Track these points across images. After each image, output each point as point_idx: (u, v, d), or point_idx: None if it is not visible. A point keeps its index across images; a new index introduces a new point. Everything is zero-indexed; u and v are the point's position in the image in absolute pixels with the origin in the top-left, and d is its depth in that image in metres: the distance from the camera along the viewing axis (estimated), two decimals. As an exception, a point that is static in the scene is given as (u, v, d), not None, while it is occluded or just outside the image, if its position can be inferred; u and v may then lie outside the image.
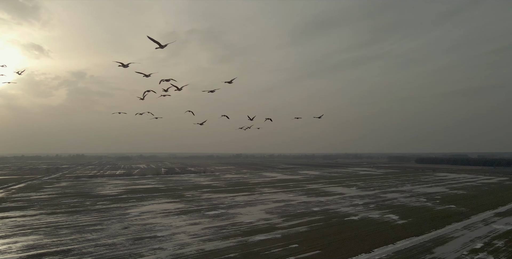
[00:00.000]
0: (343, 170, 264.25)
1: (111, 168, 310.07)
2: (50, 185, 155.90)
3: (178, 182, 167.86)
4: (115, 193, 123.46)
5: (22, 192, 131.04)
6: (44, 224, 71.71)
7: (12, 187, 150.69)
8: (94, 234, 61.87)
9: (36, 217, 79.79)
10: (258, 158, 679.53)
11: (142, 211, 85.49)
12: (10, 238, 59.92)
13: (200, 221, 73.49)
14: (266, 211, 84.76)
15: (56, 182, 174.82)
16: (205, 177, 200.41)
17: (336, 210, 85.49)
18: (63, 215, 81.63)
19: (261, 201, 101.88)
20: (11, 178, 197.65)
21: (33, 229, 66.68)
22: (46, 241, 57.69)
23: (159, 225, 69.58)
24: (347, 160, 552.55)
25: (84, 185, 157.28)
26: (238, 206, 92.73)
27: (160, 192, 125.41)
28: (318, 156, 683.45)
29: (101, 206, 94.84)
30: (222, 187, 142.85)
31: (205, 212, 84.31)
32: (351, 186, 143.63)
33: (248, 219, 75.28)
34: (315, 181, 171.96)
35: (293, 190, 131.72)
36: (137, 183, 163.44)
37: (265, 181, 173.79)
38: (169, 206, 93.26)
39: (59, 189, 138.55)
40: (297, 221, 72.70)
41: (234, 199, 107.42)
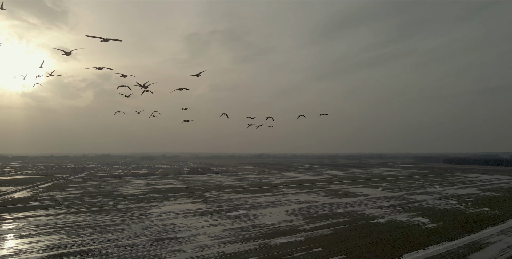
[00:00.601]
0: (367, 171, 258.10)
1: (135, 168, 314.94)
2: (75, 185, 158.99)
3: (200, 182, 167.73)
4: (138, 193, 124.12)
5: (49, 191, 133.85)
6: (67, 223, 72.07)
7: (40, 186, 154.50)
8: (114, 235, 61.43)
9: (59, 216, 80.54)
10: (280, 158, 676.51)
11: (163, 211, 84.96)
12: (33, 237, 60.24)
13: (221, 222, 72.08)
14: (288, 213, 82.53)
15: (82, 181, 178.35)
16: (227, 177, 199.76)
17: (361, 212, 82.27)
18: (86, 214, 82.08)
19: (283, 202, 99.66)
20: (40, 177, 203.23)
21: (56, 228, 66.99)
22: (68, 241, 57.57)
23: (179, 226, 68.60)
24: (371, 160, 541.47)
25: (108, 184, 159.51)
26: (260, 207, 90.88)
27: (181, 192, 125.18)
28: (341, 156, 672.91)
29: (123, 205, 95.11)
30: (244, 188, 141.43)
31: (226, 213, 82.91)
32: (376, 187, 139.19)
33: (269, 220, 73.30)
34: (338, 181, 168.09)
35: (316, 190, 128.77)
36: (159, 183, 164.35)
37: (287, 181, 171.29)
38: (190, 207, 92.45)
39: (84, 188, 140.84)
40: (320, 223, 70.16)
41: (255, 199, 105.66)
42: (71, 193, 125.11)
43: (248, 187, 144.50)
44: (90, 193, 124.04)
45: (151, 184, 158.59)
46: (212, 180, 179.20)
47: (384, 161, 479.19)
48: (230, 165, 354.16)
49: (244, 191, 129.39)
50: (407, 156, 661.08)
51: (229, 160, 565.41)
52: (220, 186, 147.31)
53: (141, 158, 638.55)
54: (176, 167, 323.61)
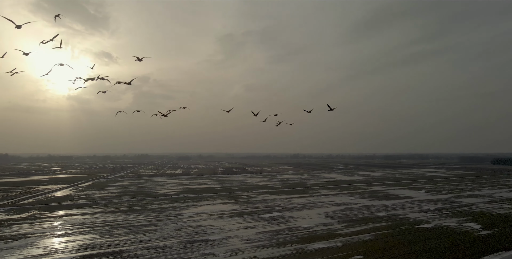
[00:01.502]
0: (408, 171, 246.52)
1: (171, 168, 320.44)
2: (114, 184, 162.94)
3: (234, 182, 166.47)
4: (172, 193, 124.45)
5: (88, 190, 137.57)
6: (102, 223, 72.37)
7: (80, 185, 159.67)
8: (147, 235, 60.50)
9: (96, 215, 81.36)
10: (315, 158, 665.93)
11: (196, 212, 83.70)
12: (68, 237, 60.55)
13: (255, 224, 69.48)
14: (325, 215, 78.57)
15: (120, 180, 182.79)
16: (262, 178, 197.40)
17: (405, 216, 76.73)
18: (121, 214, 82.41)
19: (320, 204, 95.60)
20: (82, 176, 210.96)
21: (91, 228, 67.25)
22: (101, 241, 57.21)
23: (212, 227, 66.72)
24: (412, 160, 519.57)
25: (145, 184, 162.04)
26: (295, 209, 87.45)
27: (215, 193, 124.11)
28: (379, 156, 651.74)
29: (157, 205, 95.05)
30: (279, 188, 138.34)
31: (260, 214, 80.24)
32: (419, 189, 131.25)
33: (305, 223, 69.82)
34: (377, 182, 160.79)
35: (354, 192, 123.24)
36: (194, 183, 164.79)
37: (324, 182, 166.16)
38: (224, 207, 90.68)
39: (121, 188, 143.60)
40: (360, 227, 65.77)
41: (291, 201, 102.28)
42: (109, 192, 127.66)
43: (283, 187, 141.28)
44: (127, 193, 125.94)
45: (186, 184, 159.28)
46: (246, 181, 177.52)
47: (425, 162, 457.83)
48: (265, 165, 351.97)
49: (279, 192, 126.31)
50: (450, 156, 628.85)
51: (264, 160, 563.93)
52: (254, 187, 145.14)
53: (177, 158, 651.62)
54: (211, 167, 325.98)
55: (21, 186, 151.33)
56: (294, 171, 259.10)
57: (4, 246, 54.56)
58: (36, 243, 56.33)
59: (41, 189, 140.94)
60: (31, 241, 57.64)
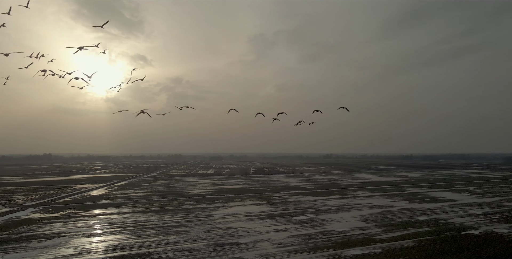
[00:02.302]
0: (448, 172, 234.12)
1: (203, 168, 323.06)
2: (147, 183, 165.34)
3: (266, 183, 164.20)
4: (203, 193, 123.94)
5: (122, 189, 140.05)
6: (133, 223, 72.24)
7: (115, 184, 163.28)
8: (176, 237, 59.36)
9: (127, 215, 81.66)
10: (349, 158, 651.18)
11: (227, 213, 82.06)
12: (99, 237, 60.54)
13: (287, 227, 66.75)
14: (361, 218, 74.52)
15: (153, 180, 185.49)
16: (294, 178, 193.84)
17: (448, 221, 71.25)
18: (152, 214, 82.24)
19: (355, 206, 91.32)
20: (117, 176, 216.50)
21: (122, 228, 67.14)
22: (131, 241, 56.62)
23: (242, 230, 64.68)
24: (452, 161, 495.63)
25: (177, 183, 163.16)
26: (329, 211, 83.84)
27: (246, 193, 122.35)
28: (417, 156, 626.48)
29: (188, 206, 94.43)
30: (312, 189, 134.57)
31: (292, 217, 77.38)
32: (463, 192, 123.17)
33: (340, 227, 66.27)
34: (416, 184, 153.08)
35: (391, 194, 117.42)
36: (226, 183, 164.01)
37: (358, 183, 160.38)
38: (255, 209, 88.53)
39: (154, 187, 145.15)
40: (399, 232, 61.43)
41: (324, 203, 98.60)
42: (142, 192, 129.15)
43: (316, 188, 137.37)
44: (159, 192, 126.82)
45: (217, 184, 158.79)
46: (278, 181, 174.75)
47: (467, 162, 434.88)
48: (297, 166, 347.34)
49: (312, 193, 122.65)
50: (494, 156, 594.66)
51: (296, 160, 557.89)
52: (286, 187, 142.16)
53: (210, 158, 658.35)
54: (242, 167, 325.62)
55: (60, 185, 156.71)
56: (327, 172, 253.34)
57: (38, 245, 55.13)
58: (68, 242, 56.58)
59: (78, 188, 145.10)
60: (64, 240, 58.01)
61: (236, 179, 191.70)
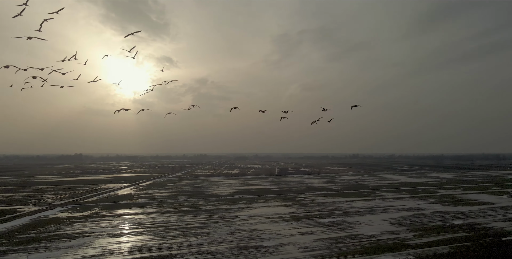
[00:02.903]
0: (483, 173, 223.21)
1: (228, 168, 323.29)
2: (172, 183, 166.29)
3: (291, 183, 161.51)
4: (228, 193, 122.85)
5: (148, 189, 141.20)
6: (156, 223, 71.74)
7: (141, 184, 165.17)
8: (199, 239, 58.13)
9: (151, 215, 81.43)
10: (376, 158, 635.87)
11: (251, 215, 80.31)
12: (123, 237, 60.20)
13: (312, 230, 64.26)
14: (391, 222, 70.95)
15: (178, 180, 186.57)
16: (320, 179, 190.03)
17: (487, 226, 66.61)
18: (175, 214, 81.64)
19: (384, 209, 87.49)
20: (143, 176, 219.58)
21: (145, 229, 66.67)
22: (153, 243, 55.85)
23: (266, 232, 62.72)
24: (486, 161, 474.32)
25: (201, 184, 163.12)
26: (357, 214, 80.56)
27: (271, 194, 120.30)
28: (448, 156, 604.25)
29: (212, 206, 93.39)
30: (338, 190, 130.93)
31: (318, 219, 74.74)
32: (500, 194, 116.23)
33: (369, 230, 63.15)
34: (449, 185, 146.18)
35: (422, 196, 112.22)
36: (250, 184, 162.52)
37: (387, 184, 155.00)
38: (279, 210, 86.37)
39: (179, 187, 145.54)
40: (433, 237, 57.71)
41: (351, 204, 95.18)
42: (167, 192, 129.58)
43: (342, 189, 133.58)
44: (183, 192, 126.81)
45: (242, 185, 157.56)
46: (303, 182, 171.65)
47: (503, 163, 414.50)
48: (323, 166, 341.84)
49: (338, 194, 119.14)
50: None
51: (321, 160, 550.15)
52: (312, 188, 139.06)
53: (235, 158, 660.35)
54: (267, 167, 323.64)
55: (88, 184, 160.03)
56: (354, 172, 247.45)
57: (63, 245, 55.25)
58: (92, 242, 56.45)
59: (105, 187, 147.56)
60: (88, 240, 57.96)
61: (261, 179, 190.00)
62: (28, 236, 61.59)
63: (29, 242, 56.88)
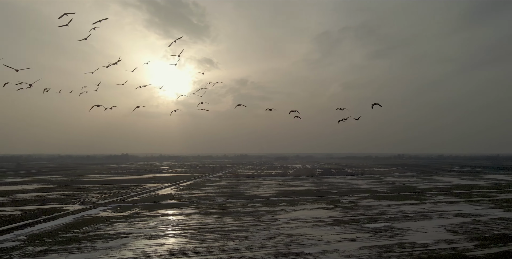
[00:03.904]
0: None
1: (268, 168, 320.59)
2: (212, 183, 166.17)
3: (333, 185, 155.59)
4: (267, 195, 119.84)
5: (188, 189, 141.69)
6: (194, 225, 70.20)
7: (181, 184, 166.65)
8: (236, 243, 55.51)
9: (190, 216, 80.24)
10: (423, 159, 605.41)
11: (291, 218, 76.66)
12: (160, 239, 59.00)
13: (358, 236, 59.54)
14: (446, 229, 64.41)
15: (218, 180, 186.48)
16: (363, 180, 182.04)
17: (562, 236, 58.39)
18: (214, 216, 79.82)
19: (437, 214, 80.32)
20: (184, 176, 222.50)
21: (183, 231, 65.24)
22: (190, 246, 53.98)
23: (308, 237, 58.89)
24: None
25: (241, 184, 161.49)
26: (406, 219, 74.37)
27: (312, 196, 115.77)
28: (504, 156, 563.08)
29: (251, 208, 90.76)
30: (384, 193, 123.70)
31: (363, 224, 69.66)
32: None
33: (421, 238, 57.37)
34: (508, 189, 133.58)
35: (479, 200, 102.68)
36: (291, 185, 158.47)
37: (438, 186, 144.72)
38: (321, 213, 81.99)
39: (218, 188, 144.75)
40: (498, 248, 51.04)
41: (399, 208, 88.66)
42: (206, 192, 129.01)
43: (389, 192, 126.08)
44: (223, 193, 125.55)
45: (282, 186, 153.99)
46: (346, 183, 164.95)
47: None
48: (367, 167, 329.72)
49: (384, 197, 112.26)
50: None
51: (365, 161, 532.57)
52: (355, 190, 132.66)
53: (275, 158, 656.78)
54: (308, 168, 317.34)
55: (131, 184, 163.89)
56: (400, 173, 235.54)
57: (101, 246, 54.87)
58: (129, 244, 55.64)
59: (147, 187, 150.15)
60: (126, 241, 57.29)
61: (302, 180, 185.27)
62: (69, 235, 62.18)
63: (69, 242, 57.17)
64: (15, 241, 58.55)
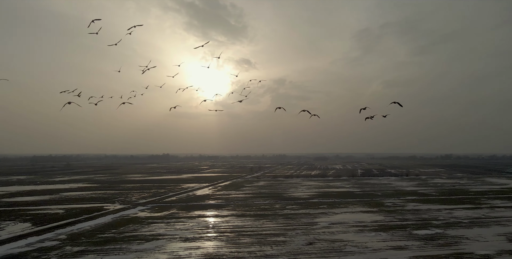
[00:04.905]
0: None
1: (308, 168, 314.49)
2: (249, 184, 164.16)
3: (376, 186, 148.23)
4: (307, 196, 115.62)
5: (225, 189, 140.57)
6: (230, 228, 67.91)
7: (219, 184, 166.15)
8: (274, 248, 52.35)
9: (226, 218, 78.18)
10: (474, 159, 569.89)
11: (332, 222, 72.30)
12: (195, 242, 57.14)
13: (407, 244, 54.28)
14: (508, 238, 57.45)
15: (256, 181, 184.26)
16: (408, 181, 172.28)
17: None
18: (251, 218, 77.16)
19: (496, 220, 72.60)
20: (222, 176, 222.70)
21: (219, 233, 63.12)
22: (225, 251, 51.54)
23: (350, 244, 54.52)
24: None
25: (279, 185, 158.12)
26: (461, 225, 67.65)
27: (354, 198, 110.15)
28: None
29: (289, 211, 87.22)
30: (433, 195, 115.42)
31: (412, 230, 64.00)
32: None
33: (480, 248, 51.21)
34: None
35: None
36: (331, 186, 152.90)
37: (493, 189, 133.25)
38: (365, 217, 76.89)
39: (256, 189, 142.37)
40: None
41: (451, 213, 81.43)
42: (244, 193, 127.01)
43: (438, 195, 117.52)
44: (260, 194, 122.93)
45: (322, 187, 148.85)
46: (390, 184, 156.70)
47: None
48: (411, 167, 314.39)
49: (433, 200, 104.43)
50: None
51: (408, 161, 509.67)
52: (401, 192, 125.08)
53: (314, 158, 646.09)
54: (349, 168, 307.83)
55: (170, 184, 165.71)
56: (448, 175, 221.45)
57: (136, 247, 53.84)
58: (164, 246, 54.21)
59: (185, 187, 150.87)
60: (161, 244, 55.96)
61: (342, 181, 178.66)
62: (107, 236, 62.00)
63: (106, 243, 56.74)
64: (55, 240, 59.11)
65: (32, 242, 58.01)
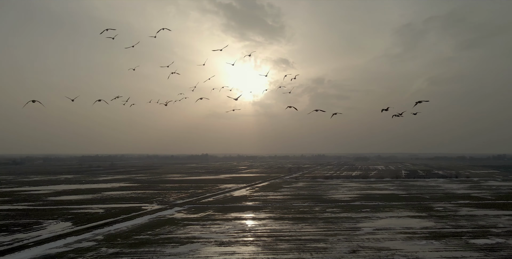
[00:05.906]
0: None
1: (348, 169, 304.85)
2: (288, 185, 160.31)
3: (423, 189, 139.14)
4: (348, 199, 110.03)
5: (263, 191, 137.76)
6: (268, 231, 64.82)
7: (257, 185, 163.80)
8: (314, 255, 48.58)
9: (263, 221, 75.16)
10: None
11: (377, 227, 67.08)
12: (230, 246, 54.58)
13: (463, 255, 48.39)
14: None
15: (294, 182, 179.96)
16: (459, 184, 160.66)
17: None
18: (289, 222, 73.56)
19: None
20: (260, 176, 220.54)
21: (255, 238, 60.23)
22: (261, 257, 48.51)
23: (399, 253, 49.41)
24: None
25: (319, 186, 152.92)
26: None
27: (399, 201, 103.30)
28: None
29: (330, 214, 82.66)
30: (488, 199, 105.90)
31: (469, 239, 57.56)
32: None
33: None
34: None
35: None
36: (373, 188, 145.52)
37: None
38: (413, 223, 70.86)
39: (295, 190, 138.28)
40: None
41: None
42: (282, 195, 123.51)
43: (494, 199, 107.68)
44: (299, 196, 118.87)
45: (364, 188, 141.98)
46: (439, 187, 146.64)
47: None
48: (460, 168, 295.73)
49: (489, 205, 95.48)
50: None
51: (457, 162, 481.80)
52: (451, 196, 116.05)
53: (355, 158, 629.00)
54: (392, 169, 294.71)
55: (208, 184, 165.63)
56: (504, 177, 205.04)
57: (170, 251, 52.13)
58: (198, 251, 52.09)
59: (223, 187, 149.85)
60: (195, 247, 53.92)
61: (386, 183, 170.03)
62: (142, 237, 61.06)
63: (141, 245, 55.61)
64: (92, 241, 58.91)
65: (70, 242, 58.14)
